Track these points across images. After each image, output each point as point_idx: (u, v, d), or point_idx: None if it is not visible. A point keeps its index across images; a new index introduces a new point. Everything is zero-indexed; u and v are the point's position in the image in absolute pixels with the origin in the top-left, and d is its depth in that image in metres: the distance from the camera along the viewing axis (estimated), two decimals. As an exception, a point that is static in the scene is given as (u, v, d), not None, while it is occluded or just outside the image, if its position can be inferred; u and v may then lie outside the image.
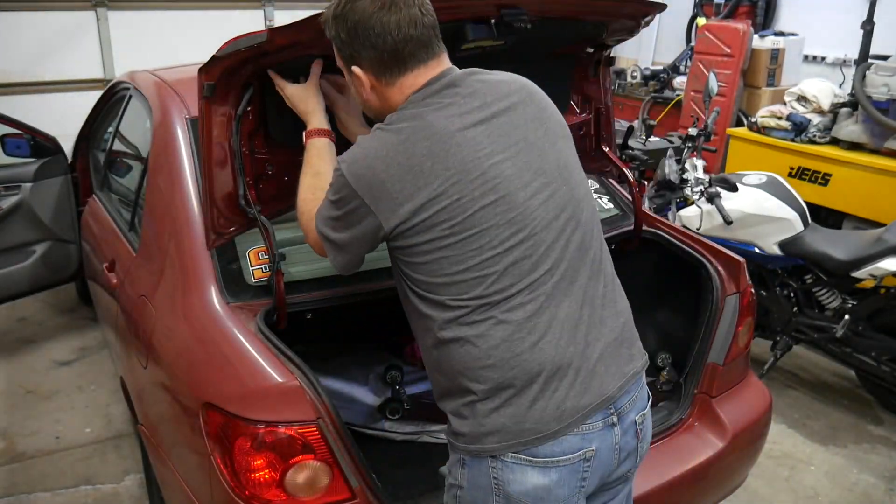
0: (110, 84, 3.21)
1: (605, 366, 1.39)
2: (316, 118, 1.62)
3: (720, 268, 2.16)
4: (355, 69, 1.40)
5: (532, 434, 1.32)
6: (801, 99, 4.31)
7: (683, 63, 6.43)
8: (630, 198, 2.45)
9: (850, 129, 4.03)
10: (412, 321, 1.46)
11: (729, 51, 5.39)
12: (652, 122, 4.21)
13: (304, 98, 1.63)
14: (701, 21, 6.25)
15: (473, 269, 1.31)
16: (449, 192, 1.30)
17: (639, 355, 1.49)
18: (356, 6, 1.34)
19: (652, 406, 1.57)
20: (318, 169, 1.57)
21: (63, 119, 3.99)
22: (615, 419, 1.40)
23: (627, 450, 1.45)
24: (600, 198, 2.54)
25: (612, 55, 2.20)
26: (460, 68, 1.44)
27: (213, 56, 1.58)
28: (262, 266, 1.93)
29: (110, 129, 3.22)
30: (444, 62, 1.42)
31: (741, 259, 2.18)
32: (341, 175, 1.35)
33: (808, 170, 4.16)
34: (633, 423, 1.45)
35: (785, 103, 4.41)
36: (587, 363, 1.36)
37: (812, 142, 4.18)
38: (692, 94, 5.66)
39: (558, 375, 1.33)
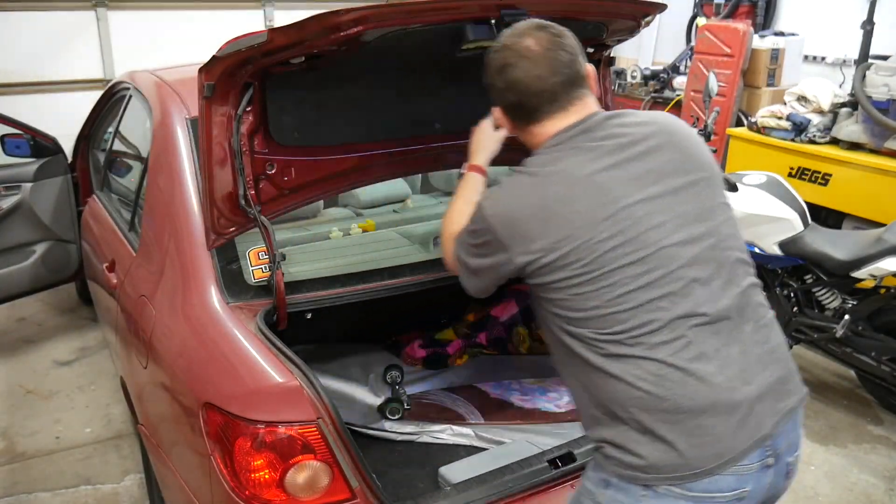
0: (110, 84, 3.21)
1: (762, 404, 1.37)
2: (482, 157, 1.76)
3: (720, 268, 2.15)
4: (495, 108, 1.51)
5: (688, 470, 1.31)
6: (801, 99, 4.31)
7: (683, 63, 6.43)
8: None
9: (850, 129, 4.03)
10: (554, 352, 1.47)
11: (729, 51, 5.39)
12: (652, 122, 4.20)
13: (490, 140, 1.76)
14: (701, 21, 6.24)
15: (608, 304, 1.32)
16: (577, 234, 1.33)
17: (795, 390, 1.46)
18: (514, 48, 1.42)
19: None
20: (470, 198, 1.64)
21: (63, 119, 3.99)
22: (771, 460, 1.38)
23: (776, 489, 1.44)
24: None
25: (612, 55, 2.20)
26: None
27: (213, 56, 1.58)
28: (262, 266, 1.93)
29: (110, 129, 3.22)
30: (587, 106, 1.45)
31: (741, 259, 2.17)
32: (482, 210, 1.44)
33: (808, 170, 4.16)
34: (787, 465, 1.43)
35: (785, 103, 4.41)
36: (745, 401, 1.34)
37: (812, 142, 4.18)
38: (692, 94, 5.66)
39: (713, 412, 1.31)
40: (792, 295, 3.33)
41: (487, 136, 1.76)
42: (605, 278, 1.33)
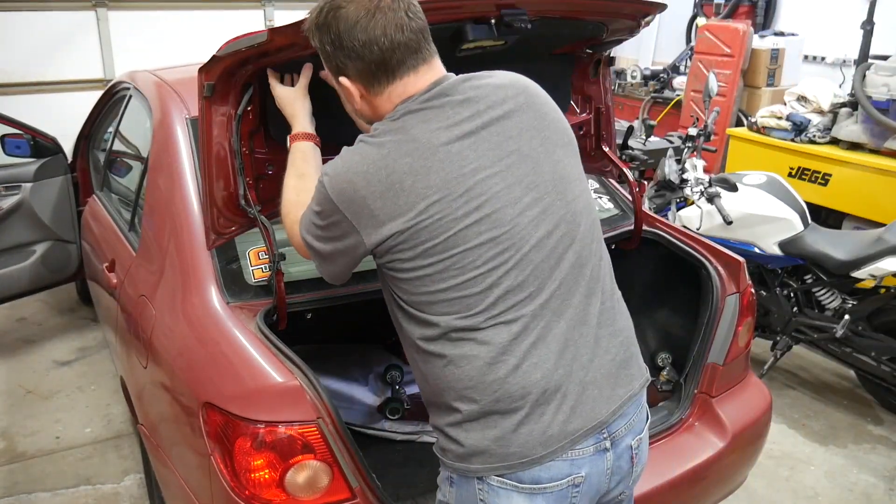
0: (110, 84, 3.21)
1: (598, 388, 1.34)
2: (300, 122, 1.60)
3: (720, 268, 2.16)
4: (343, 80, 1.35)
5: (517, 458, 1.28)
6: (801, 99, 4.31)
7: (683, 63, 6.43)
8: (630, 198, 2.45)
9: (850, 129, 4.03)
10: (399, 332, 1.43)
11: (729, 51, 5.40)
12: (652, 122, 4.21)
13: (292, 101, 1.62)
14: (701, 21, 6.25)
15: (455, 288, 1.28)
16: (430, 210, 1.25)
17: (637, 375, 1.43)
18: (339, 14, 1.28)
19: (652, 406, 1.56)
20: (302, 171, 1.55)
21: (63, 119, 3.98)
22: (608, 444, 1.35)
23: (621, 474, 1.41)
24: (600, 198, 2.54)
25: (612, 55, 2.20)
26: (461, 68, 1.40)
27: (213, 56, 1.58)
28: (262, 266, 1.93)
29: (110, 129, 3.22)
30: (436, 69, 1.35)
31: (741, 259, 2.18)
32: (323, 187, 1.32)
33: (808, 170, 4.16)
34: (629, 448, 1.40)
35: (785, 103, 4.41)
36: (576, 387, 1.31)
37: (812, 142, 4.18)
38: (692, 94, 5.67)
39: (544, 399, 1.28)
40: (792, 295, 3.33)
41: (297, 98, 1.61)
42: (456, 260, 1.27)
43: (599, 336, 1.36)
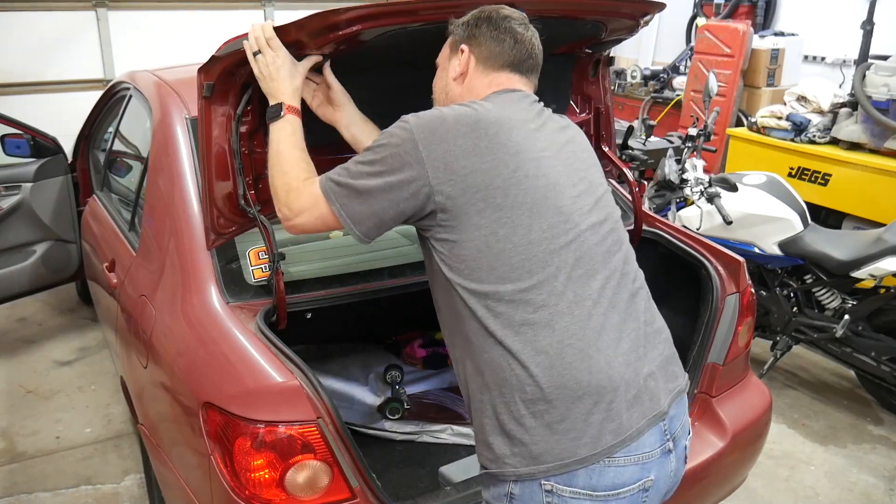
0: (110, 84, 3.21)
1: (654, 381, 1.36)
2: (295, 94, 1.55)
3: (720, 268, 2.16)
4: (464, 47, 1.49)
5: (589, 450, 1.26)
6: (801, 99, 4.31)
7: (683, 63, 6.43)
8: (630, 198, 2.45)
9: (849, 129, 4.03)
10: (444, 319, 1.40)
11: (729, 51, 5.40)
12: (652, 122, 4.21)
13: (294, 74, 1.54)
14: (701, 21, 6.25)
15: (517, 251, 1.29)
16: (507, 161, 1.31)
17: (680, 373, 1.47)
18: (505, 12, 1.50)
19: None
20: (303, 146, 1.52)
21: (63, 119, 3.99)
22: (671, 445, 1.37)
23: (677, 476, 1.43)
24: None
25: (611, 55, 2.20)
26: None
27: (213, 56, 1.58)
28: (262, 266, 1.93)
29: (110, 129, 3.22)
30: (532, 87, 1.53)
31: (741, 259, 2.18)
32: (404, 120, 1.34)
33: (808, 170, 4.16)
34: (684, 449, 1.44)
35: (785, 103, 4.41)
36: (638, 378, 1.33)
37: (812, 142, 4.18)
38: (692, 94, 5.67)
39: (609, 389, 1.28)
40: (792, 295, 3.33)
41: (289, 66, 1.53)
42: (524, 217, 1.30)
43: (648, 333, 1.40)
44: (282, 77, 1.53)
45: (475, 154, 1.30)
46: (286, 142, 1.51)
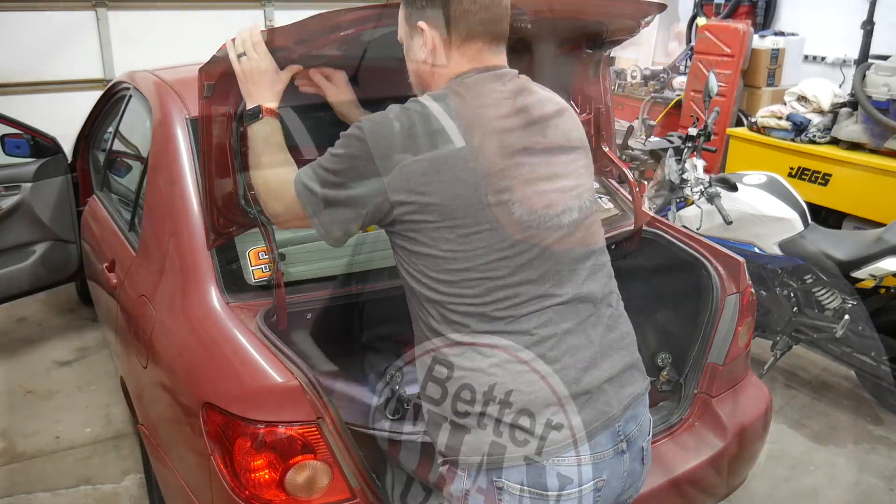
0: (110, 84, 3.21)
1: (610, 386, 1.38)
2: (273, 96, 1.56)
3: (720, 268, 2.16)
4: (422, 24, 1.36)
5: (546, 445, 1.30)
6: (801, 99, 4.31)
7: (683, 63, 6.43)
8: (630, 198, 2.45)
9: (850, 129, 4.03)
10: (414, 322, 1.46)
11: (729, 51, 5.40)
12: (652, 122, 4.21)
13: (276, 81, 1.56)
14: (701, 21, 6.25)
15: (478, 269, 1.29)
16: (466, 180, 1.26)
17: (641, 378, 1.48)
18: None
19: (652, 406, 1.57)
20: (282, 145, 1.53)
21: (63, 119, 3.98)
22: (624, 446, 1.39)
23: (634, 476, 1.45)
24: (600, 198, 2.54)
25: (612, 55, 2.20)
26: None
27: (213, 56, 1.58)
28: (263, 266, 1.93)
29: (110, 129, 3.21)
30: (504, 59, 1.42)
31: (741, 259, 2.18)
32: (359, 128, 1.30)
33: (808, 170, 4.16)
34: (641, 450, 1.45)
35: (785, 103, 4.41)
36: (593, 383, 1.35)
37: (812, 142, 4.18)
38: (692, 94, 5.67)
39: (565, 396, 1.32)
40: (792, 295, 3.32)
41: (272, 73, 1.54)
42: (483, 238, 1.28)
43: (613, 338, 1.42)
44: (263, 82, 1.55)
45: (434, 172, 1.26)
46: (264, 142, 1.52)
